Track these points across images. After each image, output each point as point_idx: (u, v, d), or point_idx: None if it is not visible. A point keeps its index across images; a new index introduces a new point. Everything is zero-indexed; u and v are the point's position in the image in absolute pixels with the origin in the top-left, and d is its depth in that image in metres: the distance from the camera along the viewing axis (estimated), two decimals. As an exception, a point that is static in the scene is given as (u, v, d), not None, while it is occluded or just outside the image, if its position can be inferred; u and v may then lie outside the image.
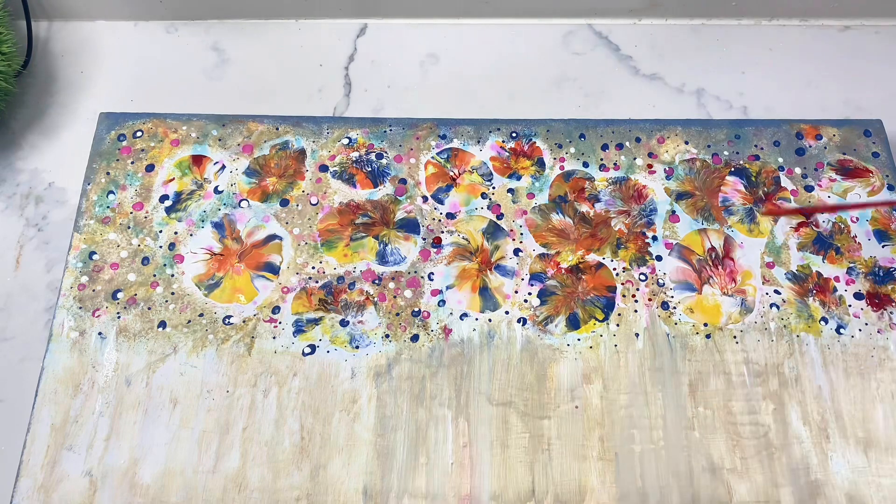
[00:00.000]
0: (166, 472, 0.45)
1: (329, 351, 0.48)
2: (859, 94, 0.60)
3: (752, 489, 0.45)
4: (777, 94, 0.60)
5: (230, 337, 0.49)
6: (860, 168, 0.55)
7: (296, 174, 0.54)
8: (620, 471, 0.45)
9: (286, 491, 0.45)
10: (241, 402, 0.47)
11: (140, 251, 0.52)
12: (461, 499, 0.45)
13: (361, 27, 0.64)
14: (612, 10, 0.63)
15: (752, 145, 0.56)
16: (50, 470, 0.45)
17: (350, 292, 0.50)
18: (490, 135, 0.56)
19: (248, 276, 0.51)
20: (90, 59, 0.62)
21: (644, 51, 0.62)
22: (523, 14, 0.64)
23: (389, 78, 0.61)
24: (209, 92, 0.61)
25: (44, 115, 0.60)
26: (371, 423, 0.46)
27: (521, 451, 0.46)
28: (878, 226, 0.53)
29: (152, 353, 0.48)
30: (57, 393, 0.47)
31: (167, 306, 0.50)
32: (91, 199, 0.53)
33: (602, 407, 0.47)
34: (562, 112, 0.58)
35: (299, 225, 0.53)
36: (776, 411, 0.47)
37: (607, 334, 0.49)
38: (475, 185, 0.54)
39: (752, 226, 0.53)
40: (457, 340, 0.49)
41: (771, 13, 0.64)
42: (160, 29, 0.64)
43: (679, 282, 0.51)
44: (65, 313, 0.49)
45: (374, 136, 0.56)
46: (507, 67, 0.62)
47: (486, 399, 0.47)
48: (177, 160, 0.55)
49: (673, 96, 0.60)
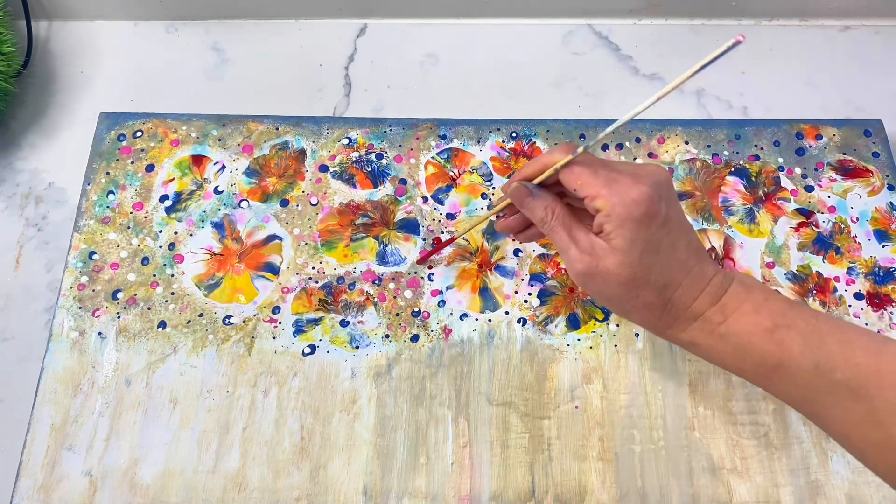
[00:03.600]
0: (166, 472, 0.45)
1: (329, 351, 0.48)
2: (859, 94, 0.60)
3: (752, 489, 0.45)
4: (777, 94, 0.60)
5: (230, 337, 0.49)
6: (860, 168, 0.55)
7: (296, 174, 0.54)
8: (620, 471, 0.45)
9: (286, 491, 0.45)
10: (241, 402, 0.47)
11: (140, 251, 0.52)
12: (461, 499, 0.45)
13: (361, 27, 0.64)
14: (612, 10, 0.63)
15: (752, 145, 0.56)
16: (50, 470, 0.45)
17: (350, 292, 0.50)
18: (490, 135, 0.56)
19: (248, 277, 0.51)
20: (90, 59, 0.62)
21: (644, 51, 0.62)
22: (523, 14, 0.64)
23: (389, 78, 0.61)
24: (209, 92, 0.60)
25: (44, 115, 0.60)
26: (371, 423, 0.46)
27: (521, 451, 0.46)
28: (878, 226, 0.53)
29: (152, 353, 0.48)
30: (57, 393, 0.47)
31: (167, 306, 0.50)
32: (91, 199, 0.53)
33: (602, 407, 0.47)
34: (562, 112, 0.58)
35: (299, 225, 0.53)
36: (776, 411, 0.47)
37: (607, 334, 0.49)
38: (475, 186, 0.54)
39: (752, 226, 0.53)
40: (457, 340, 0.49)
41: (771, 13, 0.64)
42: (160, 29, 0.64)
43: (679, 282, 0.51)
44: (65, 313, 0.49)
45: (374, 136, 0.56)
46: (507, 67, 0.62)
47: (486, 399, 0.47)
48: (177, 160, 0.55)
49: (673, 96, 0.60)
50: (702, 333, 0.36)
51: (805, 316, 0.35)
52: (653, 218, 0.34)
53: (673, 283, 0.36)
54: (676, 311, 0.36)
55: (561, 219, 0.37)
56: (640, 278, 0.35)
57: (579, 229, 0.37)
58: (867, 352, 0.33)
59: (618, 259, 0.35)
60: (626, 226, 0.34)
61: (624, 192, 0.34)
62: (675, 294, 0.36)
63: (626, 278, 0.35)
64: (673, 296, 0.36)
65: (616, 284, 0.35)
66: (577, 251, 0.36)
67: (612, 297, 0.37)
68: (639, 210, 0.34)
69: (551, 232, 0.38)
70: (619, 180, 0.35)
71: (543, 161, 0.38)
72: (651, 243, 0.35)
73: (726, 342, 0.35)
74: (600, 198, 0.35)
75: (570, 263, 0.37)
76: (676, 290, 0.36)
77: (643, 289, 0.35)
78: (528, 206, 0.39)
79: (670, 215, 0.35)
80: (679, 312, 0.36)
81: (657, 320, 0.37)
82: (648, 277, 0.35)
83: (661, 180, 0.35)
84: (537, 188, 0.39)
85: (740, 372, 0.37)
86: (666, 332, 0.37)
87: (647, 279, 0.35)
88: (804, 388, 0.34)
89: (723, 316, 0.35)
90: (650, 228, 0.35)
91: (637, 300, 0.36)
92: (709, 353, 0.37)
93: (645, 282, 0.35)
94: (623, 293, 0.36)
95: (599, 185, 0.35)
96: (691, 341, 0.37)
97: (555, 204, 0.38)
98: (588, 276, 0.36)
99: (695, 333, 0.36)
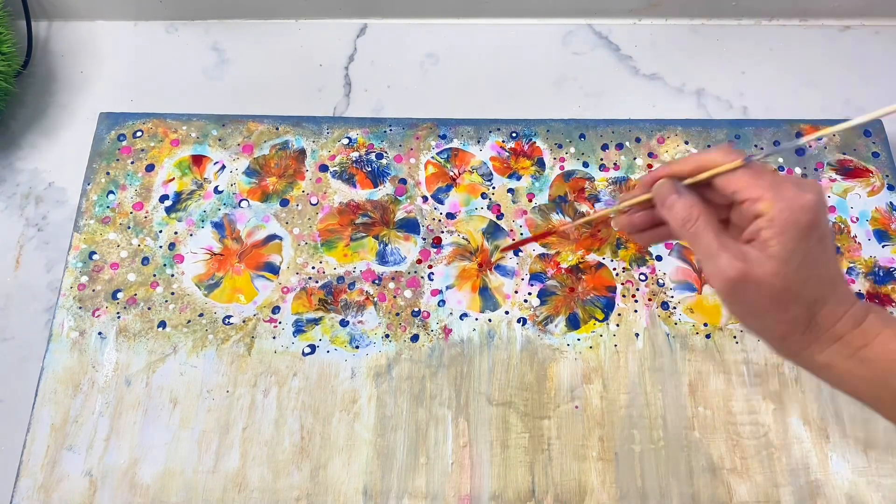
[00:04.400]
0: (166, 472, 0.45)
1: (329, 351, 0.48)
2: (859, 94, 0.60)
3: (752, 489, 0.45)
4: (777, 94, 0.60)
5: (230, 337, 0.49)
6: (860, 168, 0.55)
7: (296, 174, 0.54)
8: (620, 471, 0.45)
9: (286, 491, 0.45)
10: (241, 402, 0.47)
11: (140, 251, 0.52)
12: (461, 499, 0.45)
13: (361, 27, 0.64)
14: (612, 10, 0.63)
15: (752, 145, 0.56)
16: (50, 470, 0.45)
17: (350, 292, 0.50)
18: (490, 135, 0.56)
19: (248, 276, 0.51)
20: (90, 59, 0.62)
21: (644, 51, 0.62)
22: (523, 14, 0.64)
23: (389, 78, 0.61)
24: (209, 92, 0.60)
25: (44, 115, 0.60)
26: (371, 423, 0.46)
27: (521, 451, 0.46)
28: (878, 226, 0.53)
29: (152, 353, 0.48)
30: (57, 393, 0.47)
31: (167, 306, 0.50)
32: (91, 199, 0.53)
33: (602, 407, 0.47)
34: (562, 112, 0.58)
35: (299, 225, 0.53)
36: (776, 411, 0.47)
37: (607, 334, 0.49)
38: (475, 185, 0.54)
39: (752, 226, 0.53)
40: (457, 340, 0.49)
41: (771, 13, 0.64)
42: (160, 29, 0.64)
43: (679, 282, 0.51)
44: (65, 313, 0.49)
45: (374, 136, 0.56)
46: (507, 67, 0.62)
47: (485, 399, 0.47)
48: (177, 160, 0.55)
49: (673, 96, 0.60)
50: (840, 356, 0.34)
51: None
52: (815, 228, 0.33)
53: (821, 300, 0.34)
54: (819, 331, 0.35)
55: (706, 223, 0.35)
56: (794, 291, 0.33)
57: (726, 235, 0.35)
58: None
59: (774, 268, 0.33)
60: (789, 233, 0.32)
61: (791, 197, 0.33)
62: (821, 311, 0.34)
63: (779, 289, 0.33)
64: (819, 313, 0.34)
65: (767, 296, 0.34)
66: (727, 257, 0.33)
67: (757, 310, 0.35)
68: (805, 217, 0.32)
69: (695, 236, 0.35)
70: (785, 186, 0.33)
71: (700, 161, 0.36)
72: (810, 255, 0.33)
73: (867, 367, 0.34)
74: (764, 200, 0.33)
75: (719, 271, 0.34)
76: (824, 308, 0.34)
77: (794, 302, 0.34)
78: (669, 205, 0.36)
79: (828, 230, 0.34)
80: (821, 332, 0.35)
81: (799, 336, 0.35)
82: (802, 291, 0.34)
83: (822, 193, 0.34)
84: (685, 188, 0.36)
85: (875, 400, 0.35)
86: (802, 352, 0.36)
87: (799, 292, 0.34)
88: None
89: (864, 340, 0.34)
90: (810, 239, 0.33)
91: (784, 314, 0.34)
92: (844, 377, 0.35)
93: (797, 295, 0.34)
94: (772, 306, 0.34)
95: (764, 187, 0.33)
96: (827, 363, 0.35)
97: (701, 205, 0.35)
98: (738, 284, 0.33)
99: (832, 356, 0.35)
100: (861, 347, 0.34)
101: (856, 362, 0.34)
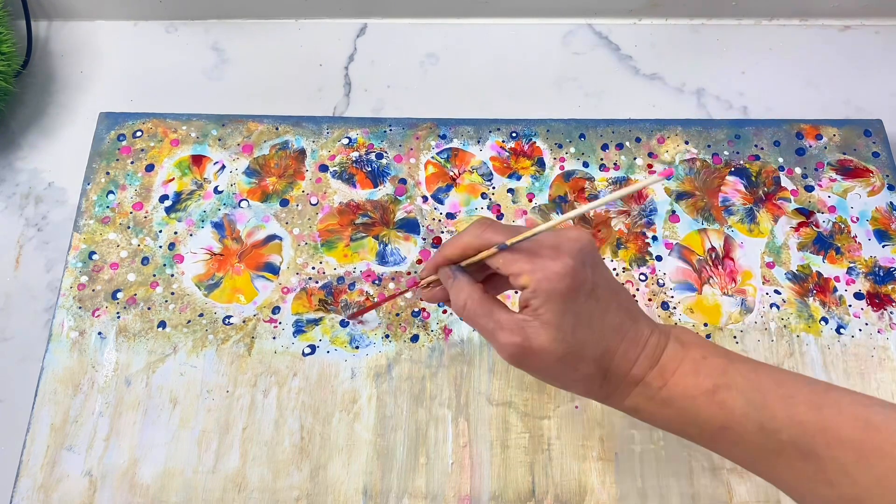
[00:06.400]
0: (166, 472, 0.45)
1: (329, 351, 0.48)
2: (859, 94, 0.60)
3: (752, 489, 0.45)
4: (777, 94, 0.60)
5: (230, 337, 0.49)
6: (860, 168, 0.55)
7: (296, 174, 0.54)
8: (620, 471, 0.45)
9: (286, 491, 0.45)
10: (241, 402, 0.47)
11: (140, 251, 0.52)
12: (461, 499, 0.45)
13: (361, 27, 0.64)
14: (612, 10, 0.63)
15: (753, 145, 0.56)
16: (50, 470, 0.45)
17: (350, 292, 0.50)
18: (490, 135, 0.56)
19: (248, 276, 0.51)
20: (90, 59, 0.62)
21: (644, 51, 0.62)
22: (523, 14, 0.64)
23: (389, 78, 0.61)
24: (209, 92, 0.60)
25: (43, 115, 0.60)
26: (371, 423, 0.46)
27: (521, 451, 0.46)
28: (878, 226, 0.53)
29: (152, 353, 0.48)
30: (57, 393, 0.47)
31: (167, 306, 0.50)
32: (91, 199, 0.53)
33: (602, 407, 0.47)
34: (562, 112, 0.58)
35: (299, 225, 0.53)
36: (776, 411, 0.47)
37: (607, 334, 0.49)
38: (475, 185, 0.54)
39: (752, 226, 0.53)
40: (457, 340, 0.49)
41: (771, 13, 0.64)
42: (160, 29, 0.64)
43: (679, 282, 0.51)
44: (65, 313, 0.49)
45: (374, 136, 0.56)
46: (507, 67, 0.62)
47: (486, 399, 0.47)
48: (177, 160, 0.55)
49: (673, 96, 0.60)
50: (643, 399, 0.35)
51: (744, 371, 0.34)
52: (579, 289, 0.33)
53: (609, 351, 0.34)
54: (616, 380, 0.35)
55: (478, 305, 0.35)
56: (576, 352, 0.34)
57: (501, 311, 0.35)
58: (809, 406, 0.32)
59: (550, 335, 0.33)
60: (554, 300, 0.33)
61: (546, 265, 0.33)
62: (612, 362, 0.34)
63: (561, 353, 0.33)
64: (611, 364, 0.34)
65: (552, 361, 0.33)
66: (505, 334, 0.34)
67: (550, 374, 0.35)
68: (563, 283, 0.33)
69: (472, 320, 0.35)
70: (541, 253, 0.33)
71: (462, 245, 0.36)
72: (583, 314, 0.33)
73: (669, 407, 0.34)
74: (524, 274, 0.33)
75: (500, 347, 0.34)
76: (614, 358, 0.34)
77: (580, 362, 0.34)
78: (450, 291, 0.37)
79: (597, 281, 0.34)
80: (619, 380, 0.35)
81: (598, 389, 0.35)
82: (584, 350, 0.34)
83: (583, 247, 0.34)
84: (458, 271, 0.37)
85: (687, 436, 0.35)
86: (608, 400, 0.36)
87: (582, 352, 0.34)
88: (752, 450, 0.33)
89: (662, 380, 0.34)
90: (577, 301, 0.33)
91: (576, 373, 0.34)
92: (653, 418, 0.35)
93: (581, 356, 0.34)
94: (561, 369, 0.34)
95: (522, 261, 0.33)
96: (634, 407, 0.35)
97: (471, 289, 0.36)
98: (522, 357, 0.34)
99: (637, 400, 0.35)
100: (660, 388, 0.34)
101: (658, 404, 0.34)
